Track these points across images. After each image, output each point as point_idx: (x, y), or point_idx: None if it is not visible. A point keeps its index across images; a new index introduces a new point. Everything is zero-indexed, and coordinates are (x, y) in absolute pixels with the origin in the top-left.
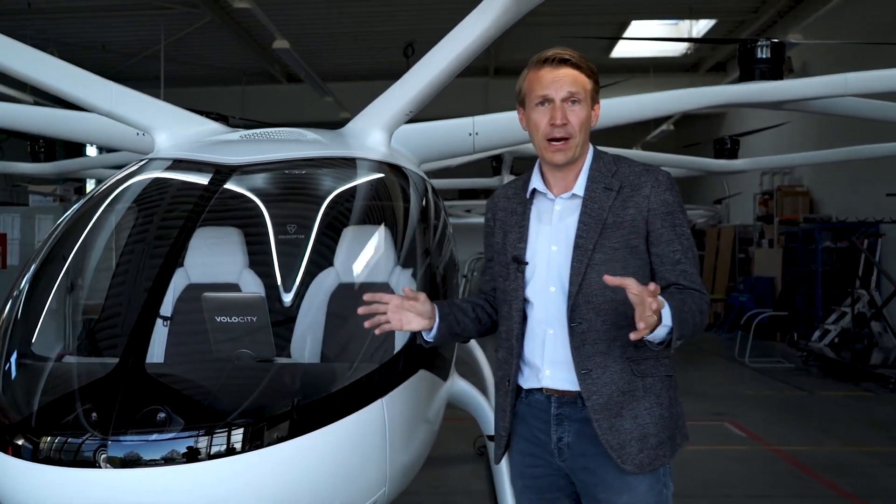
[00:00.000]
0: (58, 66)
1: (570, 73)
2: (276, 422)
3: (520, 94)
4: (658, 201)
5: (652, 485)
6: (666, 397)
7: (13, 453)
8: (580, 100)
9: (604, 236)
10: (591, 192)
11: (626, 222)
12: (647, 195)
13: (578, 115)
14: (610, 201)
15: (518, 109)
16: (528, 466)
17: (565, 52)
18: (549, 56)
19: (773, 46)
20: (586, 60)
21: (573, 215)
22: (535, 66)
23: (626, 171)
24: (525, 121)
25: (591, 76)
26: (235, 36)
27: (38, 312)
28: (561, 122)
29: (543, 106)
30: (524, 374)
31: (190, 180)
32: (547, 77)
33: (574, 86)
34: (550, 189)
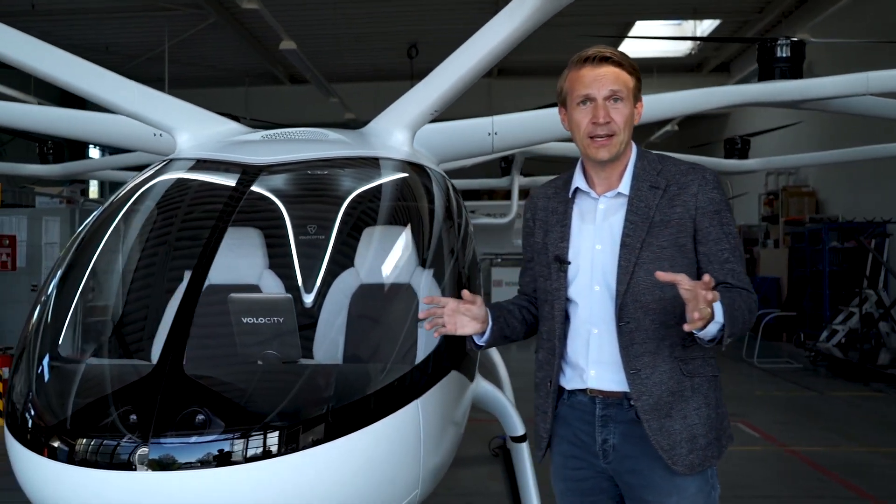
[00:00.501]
0: (82, 67)
1: (612, 70)
2: (318, 424)
3: (560, 93)
4: (706, 199)
5: (701, 486)
6: (713, 398)
7: (49, 455)
8: (622, 97)
9: (651, 235)
10: (636, 190)
11: (674, 221)
12: (695, 193)
13: (622, 113)
14: (656, 199)
15: (559, 110)
16: (571, 469)
17: (606, 50)
18: (589, 55)
19: (793, 45)
20: (628, 58)
21: (618, 214)
22: (576, 65)
23: (671, 170)
24: (566, 121)
25: (633, 73)
26: (239, 37)
27: (70, 314)
28: (604, 120)
29: (585, 105)
30: (566, 375)
31: (219, 181)
32: (588, 76)
33: (616, 83)
34: (593, 188)
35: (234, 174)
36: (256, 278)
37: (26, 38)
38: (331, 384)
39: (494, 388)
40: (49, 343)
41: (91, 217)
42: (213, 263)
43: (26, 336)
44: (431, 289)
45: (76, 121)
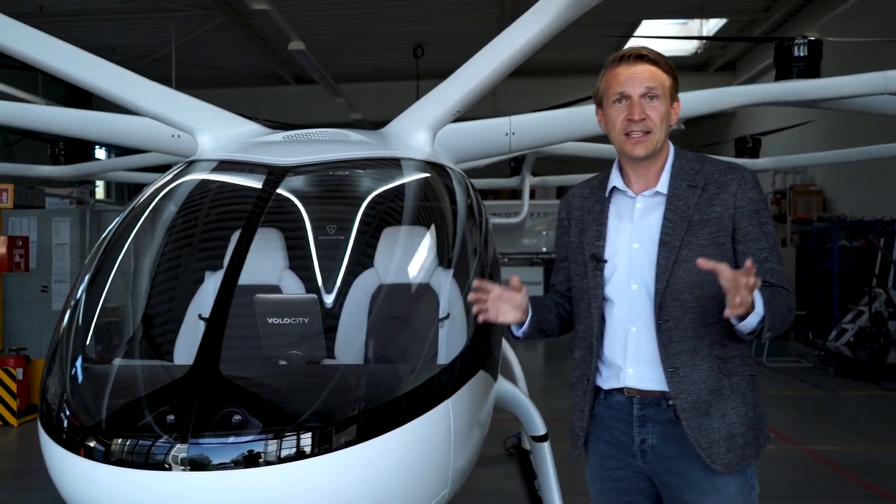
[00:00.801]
0: (105, 68)
1: (648, 68)
2: (354, 424)
3: (597, 93)
4: (745, 199)
5: (741, 486)
6: (751, 397)
7: (88, 455)
8: (658, 95)
9: (690, 233)
10: (675, 189)
11: (714, 220)
12: (734, 193)
13: (657, 111)
14: (695, 198)
15: (596, 110)
16: (608, 469)
17: (642, 49)
18: (625, 53)
19: (810, 44)
20: (664, 57)
21: (656, 213)
22: (612, 64)
23: (710, 169)
24: (603, 120)
25: (670, 72)
26: (245, 38)
27: (102, 316)
28: (639, 116)
29: (620, 103)
30: (602, 375)
31: (246, 182)
32: (623, 74)
33: (651, 81)
34: (630, 187)
35: (260, 175)
36: (278, 278)
37: (49, 39)
38: (365, 385)
39: (514, 387)
40: (83, 345)
41: (118, 218)
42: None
43: (59, 337)
44: (457, 289)
45: (92, 122)
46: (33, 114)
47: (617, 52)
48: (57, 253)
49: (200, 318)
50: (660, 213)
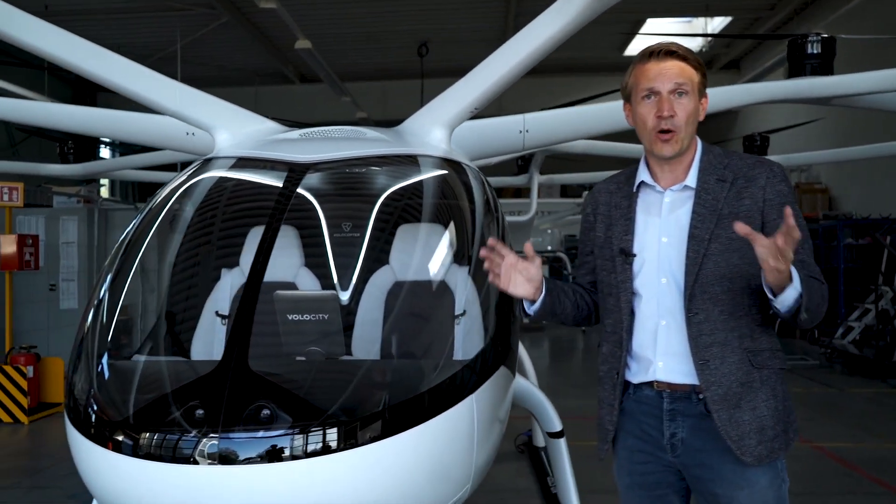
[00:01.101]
0: (126, 66)
1: (677, 64)
2: (382, 419)
3: (625, 89)
4: (773, 192)
5: (772, 480)
6: (780, 390)
7: (118, 449)
8: (687, 91)
9: (720, 227)
10: (703, 183)
11: (743, 213)
12: (763, 186)
13: (685, 108)
14: (724, 192)
15: (624, 106)
16: (637, 463)
17: (671, 45)
18: (654, 49)
19: (823, 42)
20: (693, 53)
21: (684, 206)
22: (641, 60)
23: (738, 163)
24: (631, 116)
25: (699, 68)
26: (250, 37)
27: (126, 313)
28: (668, 113)
29: (650, 99)
30: (631, 369)
31: (267, 179)
32: (653, 70)
33: (680, 77)
34: (658, 182)
35: (281, 172)
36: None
37: (67, 35)
38: (392, 380)
39: (529, 383)
40: (110, 341)
41: (139, 215)
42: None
43: (84, 334)
44: (479, 285)
45: (107, 120)
46: (47, 112)
47: (645, 47)
48: (65, 251)
49: (218, 315)
50: (689, 207)
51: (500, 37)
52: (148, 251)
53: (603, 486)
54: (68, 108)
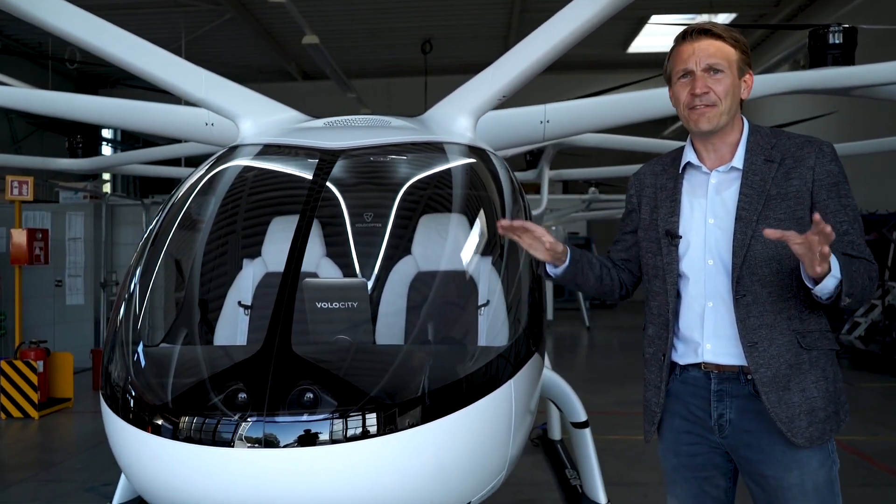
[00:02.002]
0: (153, 53)
1: (711, 43)
2: (428, 402)
3: (666, 72)
4: (823, 172)
5: (823, 461)
6: (830, 371)
7: (159, 433)
8: (722, 69)
9: (768, 208)
10: (750, 164)
11: (792, 194)
12: (812, 166)
13: (722, 83)
14: (772, 173)
15: (669, 90)
16: (684, 444)
17: (706, 24)
18: (689, 30)
19: (845, 32)
20: (730, 30)
21: (731, 188)
22: (677, 42)
23: (786, 143)
24: (673, 98)
25: (736, 45)
26: (255, 33)
27: (160, 301)
28: (701, 90)
29: (685, 78)
30: (678, 350)
31: (299, 165)
32: (687, 50)
33: (715, 56)
34: (704, 163)
35: (312, 159)
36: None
37: (96, 21)
38: (434, 364)
39: (554, 373)
40: (148, 330)
41: (166, 204)
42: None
43: (119, 322)
44: (511, 273)
45: (123, 110)
46: (62, 101)
47: (683, 29)
48: (71, 247)
49: (240, 306)
50: (735, 188)
51: (504, 34)
52: (180, 240)
53: (622, 479)
54: (82, 98)
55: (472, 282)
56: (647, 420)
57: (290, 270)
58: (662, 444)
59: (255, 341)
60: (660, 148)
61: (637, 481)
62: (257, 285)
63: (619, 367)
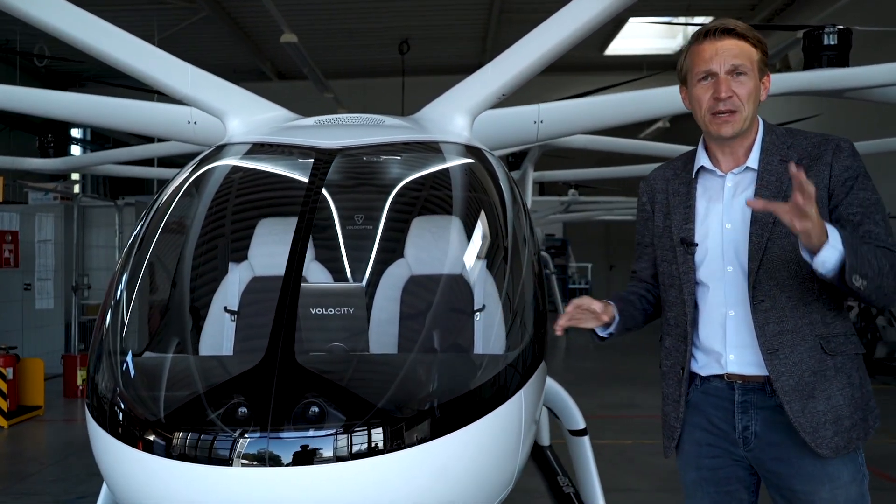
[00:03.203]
0: (139, 47)
1: (735, 43)
2: (442, 415)
3: (681, 71)
4: (840, 167)
5: (854, 474)
6: (857, 376)
7: (146, 449)
8: (746, 71)
9: None
10: (765, 164)
11: None
12: (829, 163)
13: (745, 87)
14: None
15: (680, 89)
16: (706, 457)
17: (728, 23)
18: (710, 28)
19: (839, 33)
20: (752, 30)
21: (748, 190)
22: (697, 40)
23: (803, 142)
24: (686, 98)
25: (758, 46)
26: (230, 33)
27: (151, 308)
28: (726, 94)
29: (706, 81)
30: (699, 361)
31: (294, 164)
32: (709, 50)
33: (739, 57)
34: (718, 166)
35: (308, 158)
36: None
37: (79, 12)
38: (450, 374)
39: (552, 380)
40: (140, 339)
41: (152, 205)
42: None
43: (104, 332)
44: (516, 277)
45: (101, 108)
46: (37, 99)
47: (702, 26)
48: (41, 249)
49: (226, 312)
50: (752, 190)
51: (482, 35)
52: (169, 243)
53: (614, 485)
54: (58, 95)
55: (481, 286)
56: (665, 435)
57: (292, 276)
58: (682, 457)
59: (245, 349)
60: (645, 150)
61: (630, 487)
62: (244, 290)
63: (599, 369)
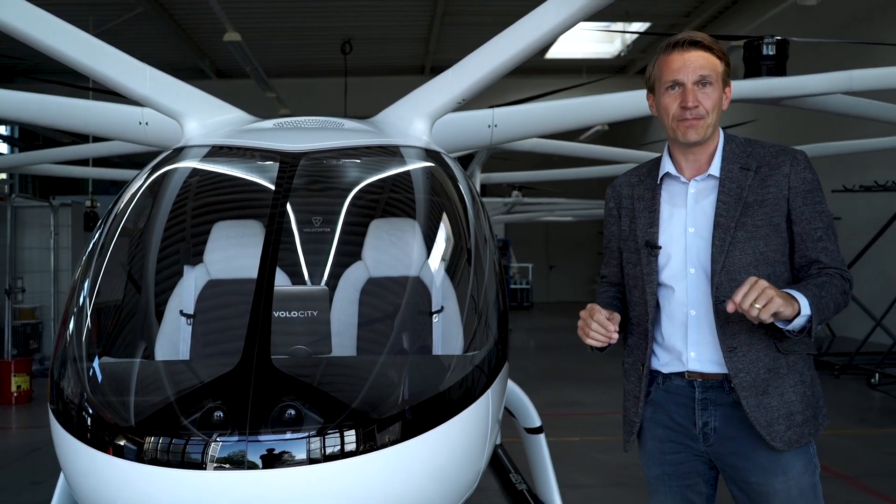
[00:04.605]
0: (95, 46)
1: (701, 55)
2: (420, 416)
3: (649, 80)
4: (798, 179)
5: (806, 466)
6: (808, 375)
7: (113, 453)
8: (711, 82)
9: (745, 214)
10: (727, 172)
11: (769, 200)
12: (787, 174)
13: (710, 97)
14: (748, 180)
15: (648, 96)
16: (669, 453)
17: (696, 35)
18: (678, 39)
19: (777, 44)
20: (718, 42)
21: (710, 196)
22: (665, 50)
23: (761, 152)
24: (654, 106)
25: (723, 58)
26: (167, 29)
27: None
28: (693, 104)
29: (674, 90)
30: (661, 359)
31: (257, 168)
32: (677, 61)
33: (705, 68)
34: (682, 173)
35: (271, 162)
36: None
37: (31, 8)
38: (423, 376)
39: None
40: (109, 344)
41: (112, 208)
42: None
43: (67, 338)
44: (480, 278)
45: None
46: None
47: (669, 38)
48: None
49: (182, 315)
50: (714, 196)
51: (425, 36)
52: (130, 247)
53: (563, 482)
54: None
55: (442, 287)
56: (626, 430)
57: (265, 279)
58: (644, 454)
59: (206, 353)
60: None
61: (579, 483)
62: (199, 294)
63: (543, 368)
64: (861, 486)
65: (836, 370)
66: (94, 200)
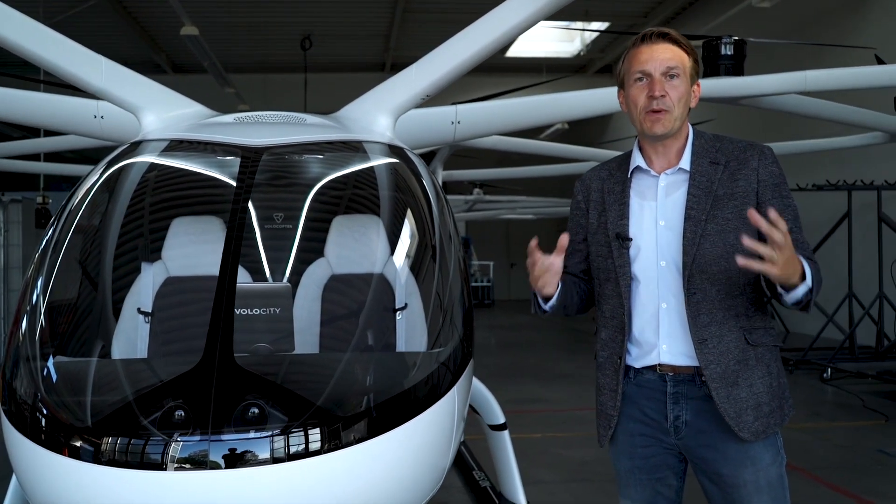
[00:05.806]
0: (48, 37)
1: (669, 48)
2: (386, 414)
3: (619, 75)
4: (766, 173)
5: (774, 457)
6: (775, 367)
7: (72, 455)
8: (679, 74)
9: (716, 207)
10: (697, 166)
11: (738, 193)
12: (756, 168)
13: (677, 90)
14: (718, 174)
15: (618, 93)
16: (640, 447)
17: (664, 29)
18: (647, 33)
19: (735, 44)
20: (685, 38)
21: (680, 189)
22: (635, 45)
23: (729, 147)
24: (623, 102)
25: (690, 53)
26: (121, 22)
27: (72, 310)
28: (659, 93)
29: (641, 81)
30: (632, 354)
31: (217, 163)
32: (645, 53)
33: (672, 61)
34: (652, 167)
35: (232, 157)
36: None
37: None
38: (390, 373)
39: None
40: (63, 343)
41: (66, 203)
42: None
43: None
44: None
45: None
46: None
47: (640, 32)
48: None
49: (140, 313)
50: (684, 189)
51: (385, 32)
52: (82, 243)
53: (525, 479)
54: None
55: (405, 283)
56: (601, 424)
57: (227, 276)
58: (615, 448)
59: (164, 352)
60: (548, 151)
61: (541, 479)
62: (157, 291)
63: (504, 365)
64: (816, 477)
65: (791, 365)
66: (45, 196)
